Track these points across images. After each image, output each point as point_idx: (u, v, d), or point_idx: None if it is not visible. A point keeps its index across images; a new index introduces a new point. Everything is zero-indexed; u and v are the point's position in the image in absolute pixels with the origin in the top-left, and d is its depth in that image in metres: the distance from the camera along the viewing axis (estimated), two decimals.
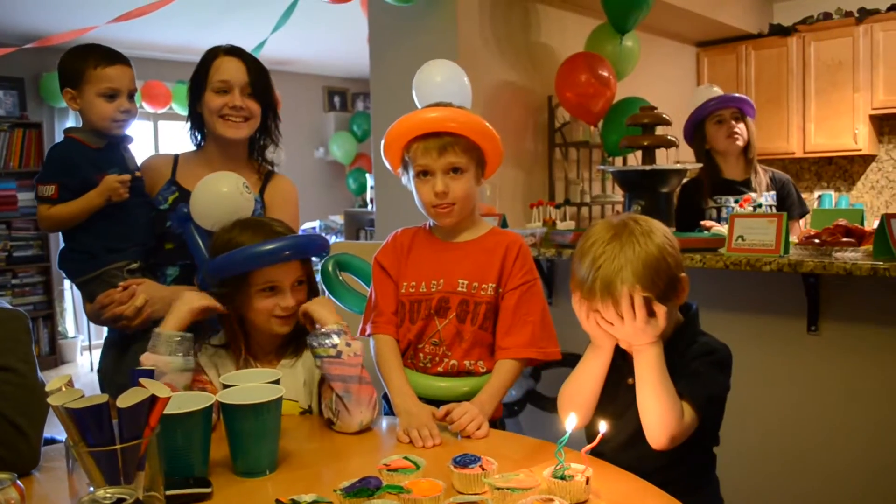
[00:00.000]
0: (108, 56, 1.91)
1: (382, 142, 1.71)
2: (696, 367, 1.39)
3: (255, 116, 2.00)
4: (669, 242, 1.38)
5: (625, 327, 1.35)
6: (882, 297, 2.25)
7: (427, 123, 1.64)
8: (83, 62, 1.89)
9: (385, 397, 1.72)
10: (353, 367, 1.53)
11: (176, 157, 2.06)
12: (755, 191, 3.08)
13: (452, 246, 1.75)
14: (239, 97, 1.95)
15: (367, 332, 1.75)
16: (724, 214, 3.10)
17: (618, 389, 1.46)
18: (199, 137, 2.06)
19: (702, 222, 2.92)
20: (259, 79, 1.99)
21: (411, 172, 1.68)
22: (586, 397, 1.44)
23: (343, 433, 1.52)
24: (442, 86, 2.11)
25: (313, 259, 1.71)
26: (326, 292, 2.30)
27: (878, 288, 2.25)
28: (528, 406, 2.63)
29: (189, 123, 2.05)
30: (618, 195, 4.22)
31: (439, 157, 1.63)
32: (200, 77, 1.97)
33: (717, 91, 3.32)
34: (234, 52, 1.98)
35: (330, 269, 2.29)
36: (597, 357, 1.44)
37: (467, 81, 2.23)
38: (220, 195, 1.75)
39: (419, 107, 2.21)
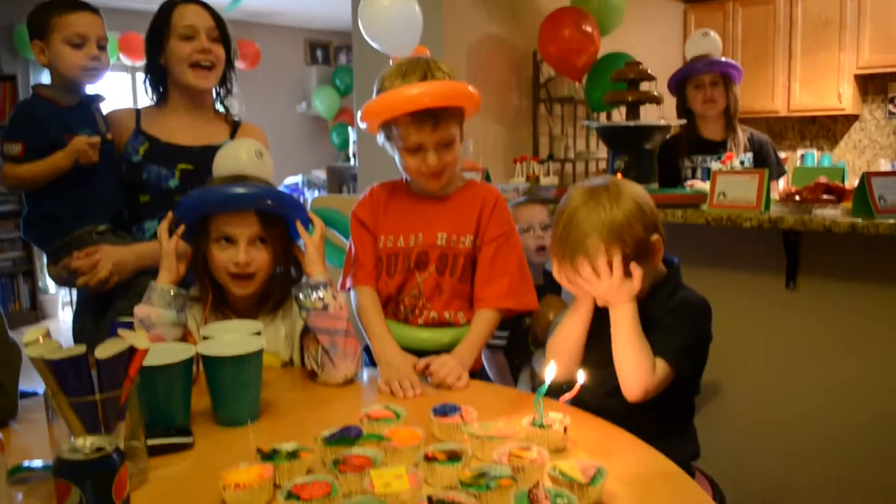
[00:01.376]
0: (73, 3, 1.87)
1: (360, 114, 1.66)
2: (669, 321, 1.42)
3: (220, 63, 1.98)
4: (640, 207, 1.40)
5: (600, 285, 1.39)
6: (860, 254, 2.28)
7: (418, 102, 1.58)
8: (48, 11, 1.86)
9: (366, 349, 1.74)
10: (339, 320, 1.53)
11: (137, 110, 2.03)
12: (731, 151, 3.09)
13: (430, 200, 1.75)
14: (206, 41, 1.93)
15: (347, 285, 1.76)
16: (697, 175, 3.11)
17: (601, 340, 1.49)
18: (161, 91, 2.01)
19: (686, 183, 2.93)
20: (221, 23, 1.98)
21: (398, 143, 1.66)
22: (570, 349, 1.49)
23: (326, 385, 1.53)
24: (390, 14, 2.02)
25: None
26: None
27: (856, 245, 2.27)
28: None
29: (147, 77, 2.01)
30: (602, 151, 4.21)
31: (433, 132, 1.61)
32: (161, 27, 1.94)
33: (714, 38, 3.28)
34: None
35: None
36: (576, 311, 1.49)
37: (418, 10, 2.19)
38: (238, 162, 1.63)
39: (378, 48, 2.14)
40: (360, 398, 1.51)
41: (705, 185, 2.58)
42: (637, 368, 1.38)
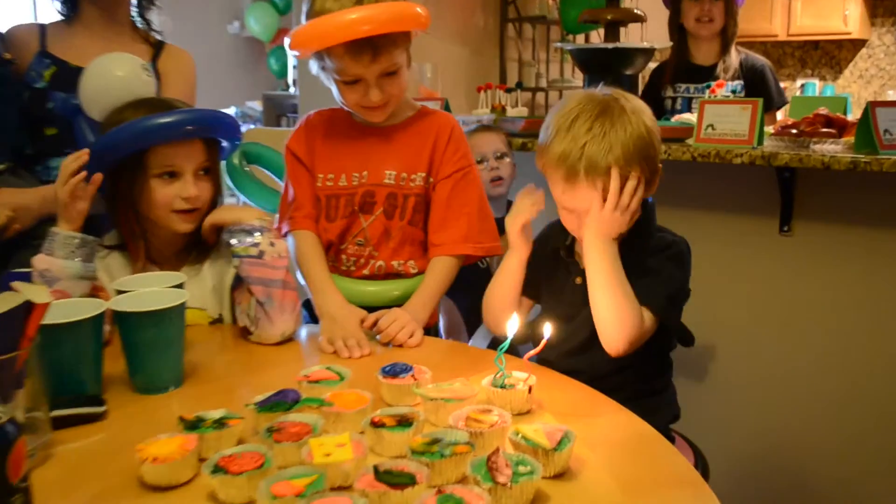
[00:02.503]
0: None
1: (288, 41, 1.62)
2: (653, 264, 1.44)
3: None
4: (656, 126, 1.44)
5: (601, 214, 1.40)
6: (861, 195, 2.32)
7: (354, 31, 1.52)
8: None
9: (306, 304, 1.73)
10: (276, 269, 1.52)
11: (42, 26, 1.96)
12: (719, 77, 3.10)
13: (376, 131, 1.73)
14: None
15: (284, 230, 1.75)
16: (678, 106, 3.12)
17: (563, 289, 1.50)
18: (69, 2, 1.96)
19: (675, 117, 2.93)
20: None
21: (333, 75, 1.63)
22: (509, 297, 1.56)
23: (260, 344, 1.53)
24: None
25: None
26: (236, 192, 2.26)
27: (857, 184, 2.31)
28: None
29: None
30: (578, 79, 4.20)
31: (373, 63, 1.58)
32: None
33: None
34: None
35: (236, 161, 2.23)
36: (512, 257, 1.55)
37: None
38: (115, 80, 1.66)
39: None
40: (300, 359, 1.52)
41: (693, 118, 2.59)
42: (621, 317, 1.39)
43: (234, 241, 1.53)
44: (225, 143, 1.68)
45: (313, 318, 1.70)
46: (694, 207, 2.58)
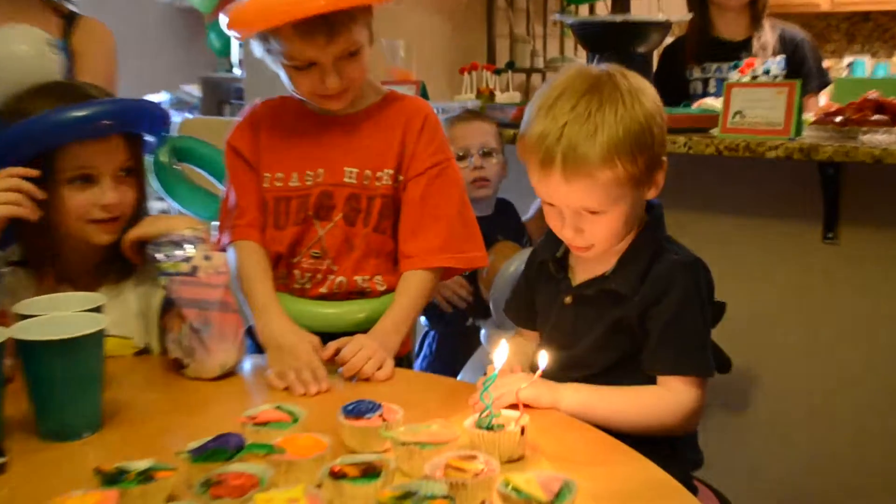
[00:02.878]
0: None
1: (225, 20, 1.64)
2: (674, 315, 1.43)
3: None
4: (659, 110, 1.44)
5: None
6: None
7: (306, 8, 1.53)
8: None
9: (250, 330, 1.73)
10: (213, 288, 1.53)
11: None
12: (756, 56, 3.13)
13: (334, 121, 1.74)
14: None
15: (225, 241, 1.75)
16: (711, 88, 3.14)
17: (551, 310, 1.53)
18: None
19: (697, 102, 2.95)
20: None
21: (281, 59, 1.64)
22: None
23: (197, 379, 1.53)
24: None
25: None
26: (165, 196, 2.25)
27: None
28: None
29: None
30: (581, 58, 4.22)
31: (329, 44, 1.59)
32: None
33: None
34: None
35: (165, 159, 2.22)
36: None
37: None
38: (14, 58, 1.66)
39: None
40: (244, 396, 1.52)
41: (718, 103, 2.61)
42: (638, 423, 1.41)
43: (160, 256, 1.54)
44: (150, 137, 1.69)
45: (259, 348, 1.70)
46: (718, 211, 2.59)
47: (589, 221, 1.42)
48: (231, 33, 1.68)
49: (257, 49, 1.68)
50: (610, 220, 1.42)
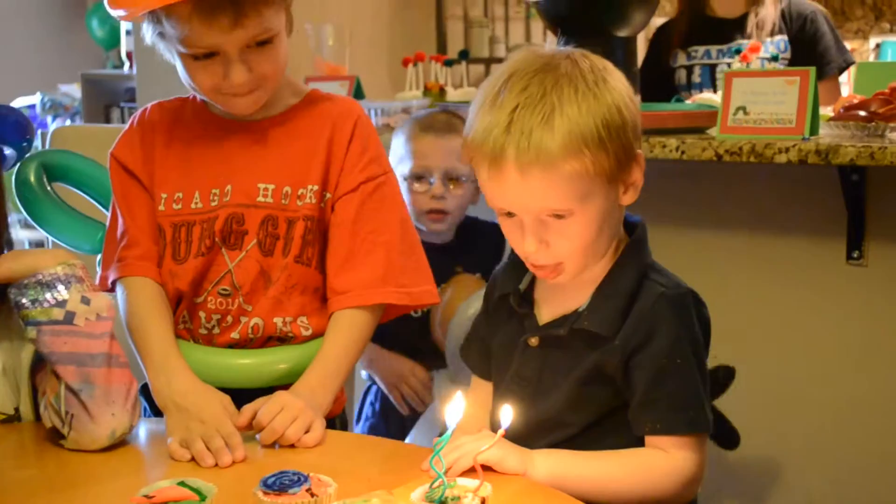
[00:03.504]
0: None
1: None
2: (663, 362, 1.44)
3: None
4: (630, 95, 1.46)
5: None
6: None
7: None
8: None
9: (145, 389, 1.72)
10: (95, 338, 1.52)
11: None
12: (751, 36, 3.18)
13: (244, 128, 1.75)
14: None
15: (111, 278, 1.75)
16: (696, 77, 3.19)
17: (513, 352, 1.54)
18: None
19: (692, 97, 2.99)
20: None
21: (177, 46, 1.64)
22: None
23: (80, 451, 1.51)
24: None
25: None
26: (33, 223, 2.23)
27: None
28: None
29: None
30: (551, 45, 4.26)
31: (234, 28, 1.59)
32: None
33: None
34: None
35: (32, 177, 2.20)
36: None
37: None
38: None
39: None
40: (138, 471, 1.51)
41: (716, 97, 2.64)
42: (632, 487, 1.43)
43: (25, 302, 1.52)
44: (8, 151, 1.67)
45: (155, 410, 1.69)
46: (720, 227, 2.61)
47: (554, 230, 1.42)
48: (115, 13, 1.66)
49: (147, 33, 1.69)
50: (580, 226, 1.42)
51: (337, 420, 1.74)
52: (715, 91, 2.95)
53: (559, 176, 1.37)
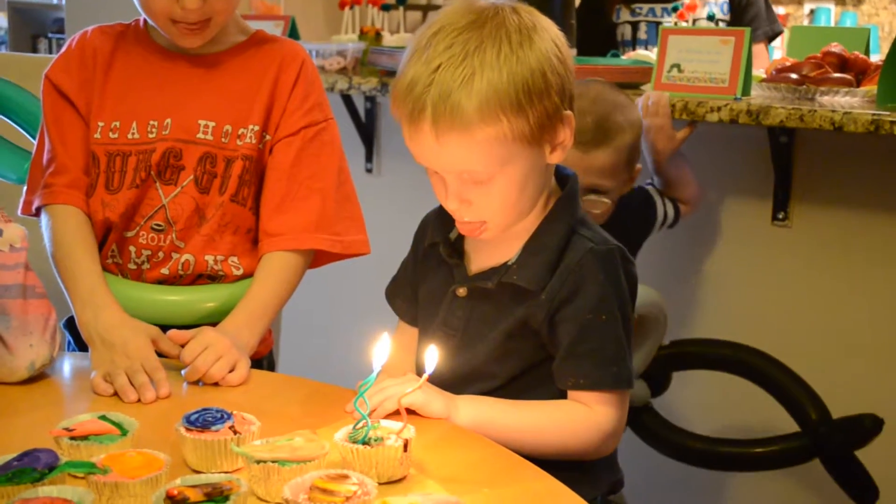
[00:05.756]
0: None
1: None
2: (588, 317, 1.45)
3: None
4: (559, 53, 1.44)
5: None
6: (886, 169, 2.43)
7: None
8: None
9: (69, 323, 1.71)
10: (9, 269, 1.50)
11: None
12: None
13: (189, 61, 1.74)
14: None
15: (36, 204, 1.73)
16: (641, 34, 3.20)
17: (441, 301, 1.55)
18: None
19: (628, 54, 3.00)
20: None
21: None
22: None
23: None
24: None
25: None
26: None
27: (880, 154, 2.41)
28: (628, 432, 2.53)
29: None
30: None
31: None
32: None
33: None
34: None
35: None
36: None
37: None
38: None
39: None
40: (58, 403, 1.50)
41: (652, 54, 2.66)
42: (552, 439, 1.44)
43: None
44: None
45: (80, 345, 1.68)
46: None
47: (476, 191, 1.43)
48: None
49: None
50: (501, 188, 1.42)
51: (264, 361, 1.75)
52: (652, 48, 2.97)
53: (475, 141, 1.37)
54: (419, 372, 1.35)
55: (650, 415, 2.45)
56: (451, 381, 1.48)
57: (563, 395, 1.48)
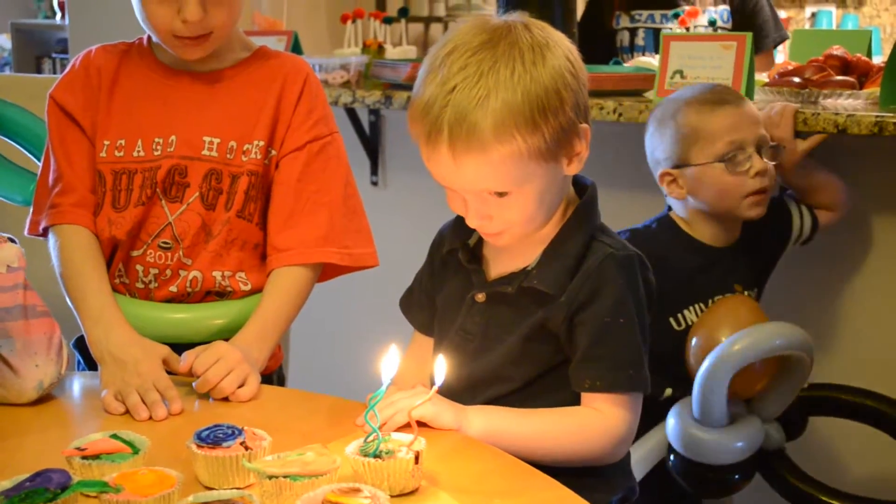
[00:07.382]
0: None
1: None
2: (606, 321, 1.46)
3: None
4: (572, 69, 1.44)
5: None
6: (890, 170, 2.43)
7: None
8: None
9: (79, 343, 1.71)
10: (7, 291, 1.50)
11: None
12: (693, 3, 3.21)
13: (193, 77, 1.74)
14: None
15: (43, 224, 1.73)
16: (639, 41, 3.20)
17: (459, 307, 1.55)
18: None
19: (632, 61, 3.00)
20: None
21: None
22: None
23: (6, 405, 1.50)
24: None
25: None
26: None
27: (885, 156, 2.42)
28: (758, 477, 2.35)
29: None
30: (490, 6, 4.26)
31: None
32: None
33: None
34: None
35: None
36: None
37: None
38: None
39: None
40: (69, 423, 1.50)
41: (654, 61, 2.66)
42: (563, 446, 1.45)
43: None
44: None
45: (90, 364, 1.68)
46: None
47: (496, 206, 1.44)
48: None
49: None
50: (521, 202, 1.44)
51: (274, 376, 1.75)
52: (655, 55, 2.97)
53: (492, 161, 1.38)
54: (433, 382, 1.34)
55: (782, 460, 2.32)
56: (469, 386, 1.49)
57: (578, 399, 1.48)
